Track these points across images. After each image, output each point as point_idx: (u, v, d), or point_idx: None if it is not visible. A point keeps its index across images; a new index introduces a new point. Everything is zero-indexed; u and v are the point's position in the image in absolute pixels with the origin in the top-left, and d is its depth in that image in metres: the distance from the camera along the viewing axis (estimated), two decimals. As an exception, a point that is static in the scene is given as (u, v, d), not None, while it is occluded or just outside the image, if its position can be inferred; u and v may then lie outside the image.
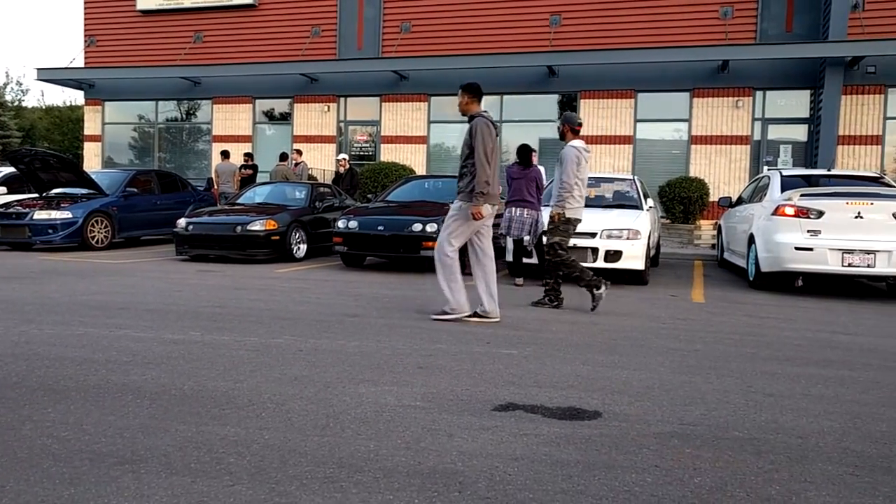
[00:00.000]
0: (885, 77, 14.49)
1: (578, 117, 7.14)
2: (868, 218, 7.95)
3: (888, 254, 7.82)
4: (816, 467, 2.91)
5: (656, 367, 4.59)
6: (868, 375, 4.56)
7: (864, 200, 8.06)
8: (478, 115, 5.99)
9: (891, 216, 7.93)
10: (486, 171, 5.79)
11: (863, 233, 7.95)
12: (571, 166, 6.71)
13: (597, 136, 16.15)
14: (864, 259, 7.89)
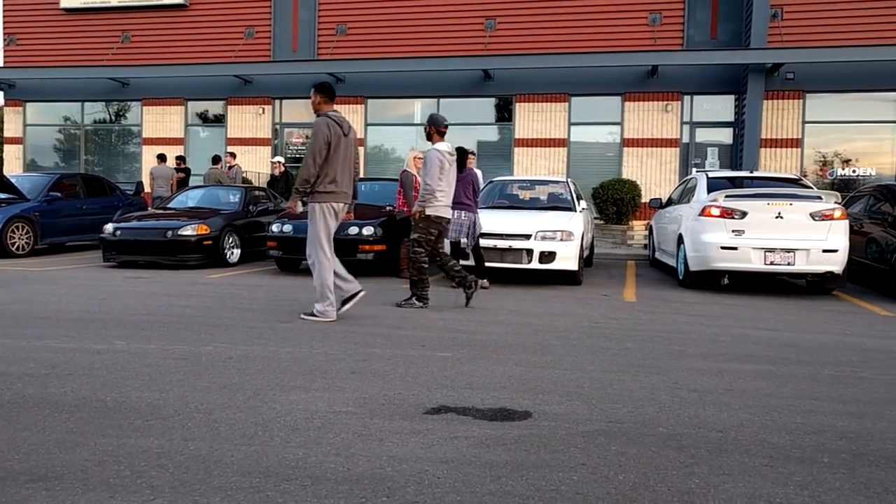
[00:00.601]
0: (803, 83, 15.22)
1: (445, 119, 7.19)
2: (788, 218, 8.26)
3: (806, 252, 8.16)
4: (734, 459, 3.02)
5: (587, 367, 4.69)
6: (786, 369, 4.77)
7: (784, 201, 8.37)
8: (323, 115, 6.08)
9: (808, 216, 8.26)
10: (308, 169, 5.91)
11: (783, 232, 8.24)
12: (434, 170, 6.82)
13: (532, 139, 16.40)
14: (784, 257, 8.22)
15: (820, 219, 8.22)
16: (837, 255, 8.19)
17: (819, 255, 8.15)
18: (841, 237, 8.24)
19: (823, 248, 8.16)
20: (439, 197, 6.94)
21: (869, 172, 15.28)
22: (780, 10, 15.05)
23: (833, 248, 8.17)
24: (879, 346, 5.62)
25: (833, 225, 8.23)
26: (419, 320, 6.29)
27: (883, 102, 15.13)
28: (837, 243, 8.19)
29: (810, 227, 8.23)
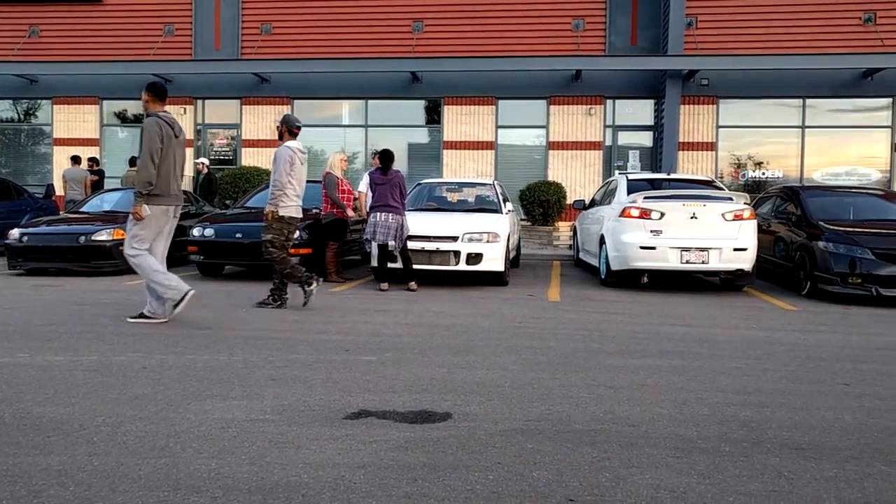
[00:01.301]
0: (717, 89, 15.93)
1: (298, 120, 7.21)
2: (702, 218, 8.57)
3: (719, 251, 8.48)
4: (644, 452, 3.13)
5: (509, 366, 4.76)
6: (697, 364, 4.97)
7: (698, 202, 8.69)
8: (153, 115, 6.04)
9: (720, 217, 8.59)
10: (148, 170, 5.88)
11: (698, 232, 8.53)
12: (284, 166, 6.82)
13: (461, 142, 16.53)
14: (699, 256, 8.53)
15: (731, 219, 8.57)
16: (747, 254, 8.56)
17: (730, 253, 8.49)
18: (750, 236, 8.62)
19: (734, 247, 8.49)
20: (291, 196, 6.87)
21: (777, 175, 16.12)
22: (695, 18, 15.71)
23: (743, 247, 8.53)
24: (782, 339, 5.94)
25: (743, 225, 8.59)
26: (344, 324, 6.24)
27: (790, 108, 15.99)
28: (747, 242, 8.56)
29: (722, 226, 8.56)
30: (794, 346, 5.67)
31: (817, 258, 8.35)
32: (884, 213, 9.55)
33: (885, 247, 8.04)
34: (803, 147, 15.99)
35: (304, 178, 7.15)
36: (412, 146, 17.24)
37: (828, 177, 15.89)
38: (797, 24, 15.43)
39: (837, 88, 15.54)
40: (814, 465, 3.00)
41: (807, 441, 3.32)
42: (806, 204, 9.46)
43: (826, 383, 4.47)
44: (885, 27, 15.12)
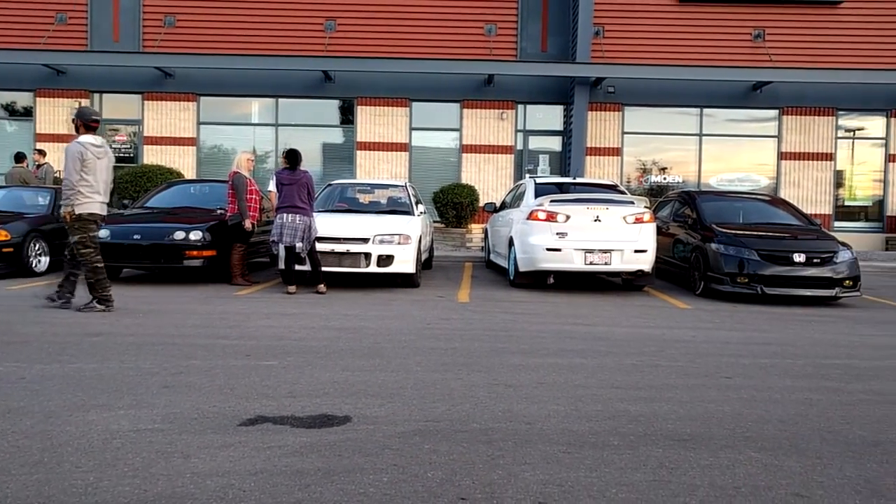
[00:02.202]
0: (623, 97, 16.56)
1: (94, 112, 7.02)
2: (605, 221, 8.82)
3: (621, 252, 8.77)
4: (537, 449, 3.22)
5: (413, 368, 4.77)
6: (595, 361, 5.15)
7: (602, 206, 8.91)
8: None
9: (622, 220, 8.86)
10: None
11: (601, 234, 8.78)
12: (74, 164, 6.58)
13: (374, 143, 16.45)
14: (602, 258, 8.79)
15: (632, 222, 8.86)
16: (647, 255, 8.91)
17: (631, 255, 8.80)
18: (650, 238, 8.96)
19: (635, 249, 8.80)
20: (87, 193, 6.63)
21: (678, 179, 16.93)
22: (602, 28, 16.27)
23: (643, 249, 8.85)
24: (675, 337, 6.24)
25: (643, 228, 8.92)
26: (247, 328, 6.08)
27: (689, 117, 16.82)
28: (647, 244, 8.89)
29: (624, 229, 8.86)
30: (685, 342, 5.97)
31: (710, 259, 8.83)
32: (770, 217, 10.20)
33: (769, 248, 8.59)
34: (701, 154, 16.85)
35: (105, 172, 6.78)
36: (326, 146, 17.01)
37: (723, 182, 16.82)
38: (695, 38, 16.25)
39: (731, 99, 16.49)
40: (693, 454, 3.17)
41: (689, 432, 3.50)
42: (701, 208, 9.98)
43: (711, 377, 4.73)
44: (774, 44, 16.17)
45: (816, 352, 5.72)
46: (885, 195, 16.61)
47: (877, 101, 16.30)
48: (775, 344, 6.02)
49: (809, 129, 16.52)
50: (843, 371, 5.02)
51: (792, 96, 16.31)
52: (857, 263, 8.72)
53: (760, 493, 2.76)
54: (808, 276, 8.44)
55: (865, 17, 16.15)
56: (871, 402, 4.18)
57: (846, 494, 2.77)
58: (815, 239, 8.98)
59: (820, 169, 16.54)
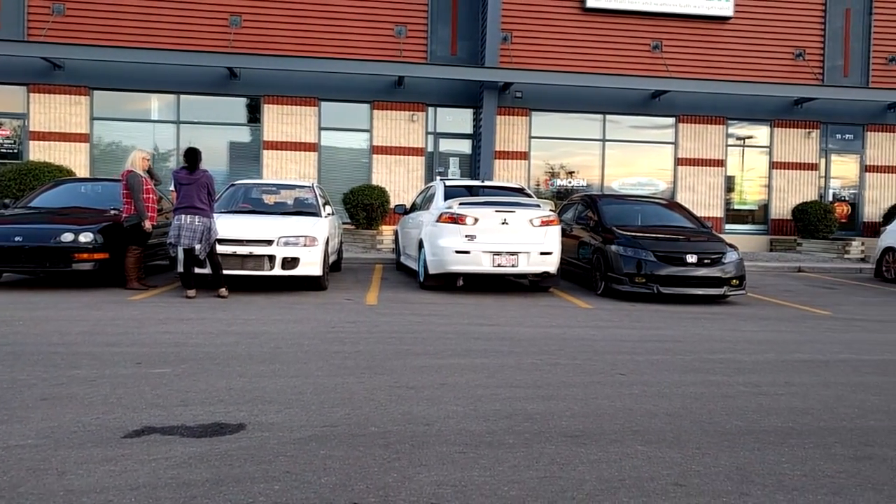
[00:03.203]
0: (530, 102, 16.95)
1: None
2: (512, 224, 8.96)
3: (527, 255, 8.95)
4: (434, 450, 3.23)
5: (314, 372, 4.69)
6: (497, 361, 5.24)
7: (509, 209, 9.06)
8: None
9: (529, 223, 9.02)
10: None
11: (508, 237, 8.93)
12: None
13: (282, 142, 16.10)
14: (509, 260, 8.93)
15: (538, 225, 9.04)
16: (552, 257, 9.13)
17: (538, 257, 8.99)
18: (555, 241, 9.18)
19: (541, 251, 9.00)
20: None
21: (583, 183, 17.49)
22: (510, 34, 16.60)
23: (549, 251, 9.06)
24: (576, 335, 6.44)
25: (549, 230, 9.11)
26: (140, 335, 5.80)
27: (593, 123, 17.42)
28: (552, 246, 9.11)
29: (530, 232, 9.03)
30: (585, 341, 6.18)
31: (610, 260, 9.17)
32: (666, 220, 10.71)
33: (664, 250, 9.01)
34: (604, 158, 17.49)
35: None
36: (232, 145, 16.49)
37: (624, 186, 17.52)
38: (599, 47, 16.84)
39: (632, 107, 17.21)
40: (584, 450, 3.28)
41: (581, 428, 3.62)
42: (602, 211, 10.35)
43: (606, 374, 4.91)
44: (670, 55, 17.00)
45: (704, 347, 6.04)
46: (769, 200, 17.79)
47: (762, 111, 17.44)
48: (667, 341, 6.32)
49: (703, 136, 17.48)
50: (727, 365, 5.34)
51: (687, 105, 17.20)
52: (742, 264, 9.28)
53: (643, 484, 2.89)
54: (700, 276, 8.92)
55: (752, 33, 17.25)
56: (749, 394, 4.46)
57: (719, 481, 2.94)
58: (705, 241, 9.48)
59: (712, 174, 17.53)
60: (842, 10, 17.60)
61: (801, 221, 16.95)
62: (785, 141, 17.70)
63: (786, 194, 17.70)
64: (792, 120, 17.59)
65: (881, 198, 17.91)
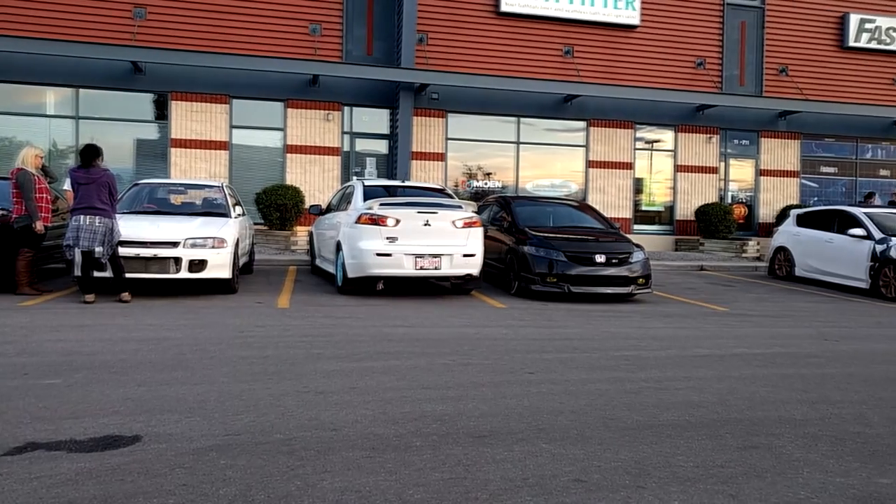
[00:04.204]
0: (446, 103, 17.05)
1: None
2: (434, 226, 8.73)
3: (450, 257, 8.74)
4: (340, 456, 3.18)
5: (219, 379, 4.54)
6: (410, 363, 5.23)
7: (431, 210, 8.83)
8: None
9: (451, 224, 8.80)
10: None
11: (431, 239, 8.70)
12: None
13: (191, 140, 15.50)
14: (432, 262, 8.68)
15: (461, 226, 8.86)
16: (475, 259, 8.97)
17: (461, 259, 8.83)
18: (478, 243, 9.01)
19: (464, 253, 8.84)
20: None
21: (499, 185, 17.76)
22: (426, 35, 16.64)
23: (472, 253, 8.90)
24: (488, 335, 6.51)
25: (472, 232, 8.94)
26: (29, 344, 5.44)
27: (508, 125, 17.70)
28: (475, 248, 8.95)
29: (453, 233, 8.83)
30: (497, 341, 6.26)
31: (523, 260, 9.33)
32: (577, 221, 11.02)
33: (574, 250, 9.26)
34: (518, 160, 17.81)
35: None
36: (139, 143, 15.76)
37: (538, 188, 17.91)
38: (513, 51, 17.14)
39: (545, 110, 17.60)
40: (489, 450, 3.31)
41: (489, 428, 3.65)
42: (515, 212, 10.53)
43: (516, 373, 4.99)
44: (582, 60, 17.50)
45: (610, 345, 6.24)
46: (674, 201, 18.62)
47: (667, 116, 18.23)
48: (576, 339, 6.50)
49: (612, 140, 18.09)
50: (631, 362, 5.53)
51: (597, 109, 17.75)
52: (648, 263, 9.66)
53: (546, 482, 2.94)
54: (608, 276, 9.21)
55: (657, 42, 18.00)
56: (651, 390, 4.64)
57: (618, 475, 3.04)
58: (614, 241, 9.81)
59: (621, 177, 18.17)
60: (737, 22, 18.64)
61: (703, 222, 17.82)
62: (688, 145, 18.57)
63: (689, 196, 18.56)
64: (694, 125, 18.48)
65: (774, 200, 19.08)
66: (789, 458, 3.36)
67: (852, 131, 19.30)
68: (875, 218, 11.46)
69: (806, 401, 4.49)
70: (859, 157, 19.79)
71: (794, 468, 3.22)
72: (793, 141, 19.10)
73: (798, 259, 12.68)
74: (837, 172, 19.73)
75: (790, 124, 18.89)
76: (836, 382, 5.03)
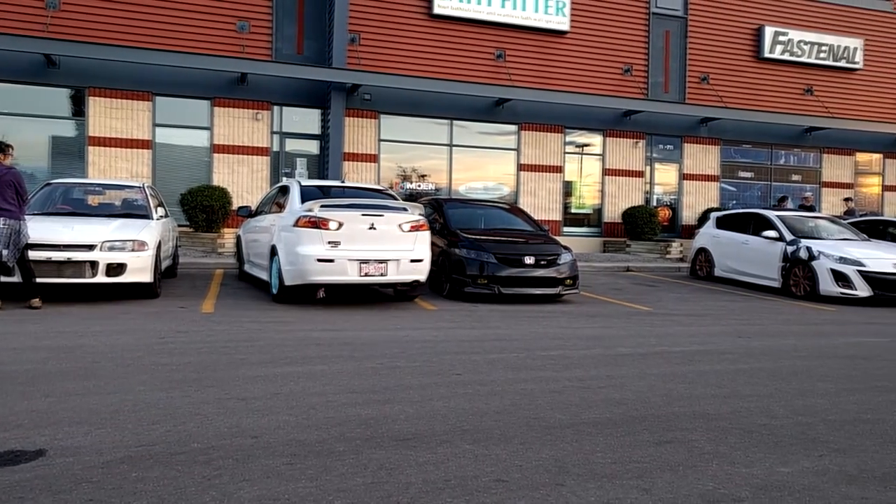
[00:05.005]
0: (379, 104, 16.97)
1: None
2: (380, 229, 8.22)
3: (397, 262, 8.25)
4: (259, 464, 3.11)
5: (136, 388, 4.37)
6: (337, 367, 5.16)
7: (377, 213, 8.31)
8: None
9: (398, 227, 8.33)
10: None
11: (376, 243, 8.21)
12: None
13: (110, 139, 14.86)
14: (377, 268, 8.17)
15: (408, 230, 8.41)
16: (423, 265, 8.52)
17: (408, 265, 8.37)
18: (425, 247, 8.58)
19: (411, 258, 8.39)
20: None
21: (432, 187, 17.80)
22: (358, 35, 16.52)
23: (419, 258, 8.46)
24: (418, 337, 6.51)
25: (419, 236, 8.50)
26: (-74, 354, 5.09)
27: (441, 127, 17.76)
28: (423, 253, 8.51)
29: (400, 237, 8.37)
30: (426, 343, 6.26)
31: (455, 262, 9.38)
32: (507, 223, 11.15)
33: (504, 252, 9.37)
34: (451, 163, 17.90)
35: None
36: (55, 140, 15.01)
37: (471, 190, 18.04)
38: (445, 53, 17.22)
39: (478, 113, 17.76)
40: (413, 453, 3.30)
41: (413, 431, 3.65)
42: (447, 214, 10.57)
43: (443, 375, 5.00)
44: (513, 64, 17.75)
45: (537, 345, 6.34)
46: (602, 204, 19.11)
47: (596, 121, 18.70)
48: (504, 339, 6.57)
49: (543, 143, 18.42)
50: (557, 361, 5.64)
51: (528, 113, 18.04)
52: (576, 264, 9.88)
53: (467, 483, 2.96)
54: (537, 277, 9.37)
55: (587, 48, 18.45)
56: (575, 388, 4.73)
57: (538, 474, 3.09)
58: (542, 243, 9.98)
59: (552, 180, 18.52)
60: (662, 31, 19.31)
61: (629, 224, 18.36)
62: (616, 150, 19.10)
63: (617, 199, 19.09)
64: (622, 130, 19.02)
65: (696, 203, 19.84)
66: (701, 451, 3.50)
67: (767, 138, 20.30)
68: (787, 221, 12.08)
69: (719, 396, 4.68)
70: (774, 163, 20.82)
71: (704, 461, 3.35)
72: (713, 146, 19.92)
73: (717, 260, 13.22)
74: (754, 177, 20.70)
75: (711, 130, 19.69)
76: (747, 377, 5.27)
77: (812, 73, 20.55)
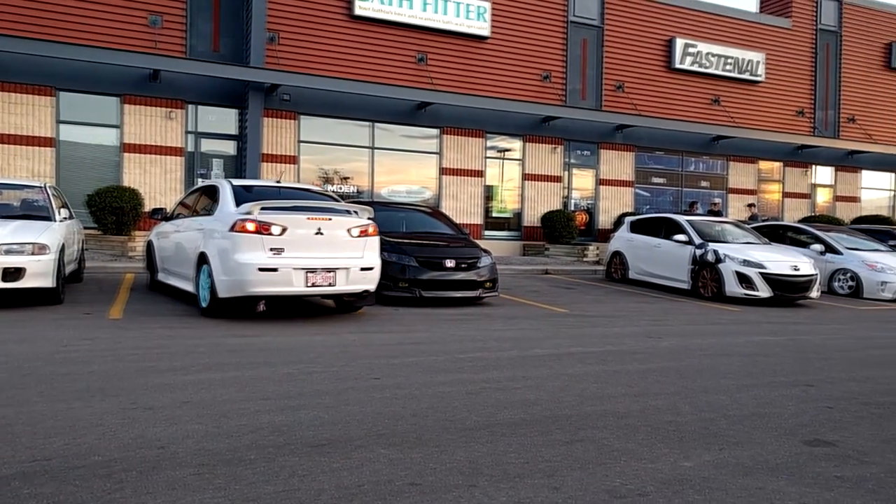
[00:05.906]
0: (299, 105, 16.67)
1: None
2: (328, 234, 7.46)
3: (346, 271, 7.52)
4: (164, 475, 3.00)
5: (32, 399, 4.12)
6: (251, 373, 5.03)
7: (324, 216, 7.56)
8: None
9: (347, 233, 7.65)
10: None
11: (324, 250, 7.45)
12: None
13: (9, 136, 13.94)
14: (326, 278, 7.41)
15: (357, 235, 7.73)
16: (373, 273, 7.84)
17: (358, 273, 7.65)
18: (375, 254, 7.92)
19: (362, 266, 7.68)
20: None
21: (354, 190, 17.65)
22: (277, 34, 16.20)
23: (370, 266, 7.77)
24: (337, 342, 6.44)
25: (368, 241, 7.83)
26: None
27: (362, 129, 17.63)
28: (373, 261, 7.83)
29: (349, 243, 7.65)
30: (345, 347, 6.20)
31: (375, 266, 9.30)
32: (429, 227, 11.19)
33: (425, 255, 9.41)
34: (373, 166, 17.81)
35: None
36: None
37: (393, 193, 18.01)
38: (367, 55, 17.13)
39: (400, 116, 17.75)
40: (326, 459, 3.27)
41: (328, 437, 3.60)
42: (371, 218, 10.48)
43: (360, 379, 4.97)
44: (435, 68, 17.85)
45: (456, 347, 6.40)
46: (522, 208, 19.48)
47: (515, 127, 19.05)
48: (424, 343, 6.60)
49: (464, 148, 18.60)
50: (474, 363, 5.70)
51: (450, 118, 18.17)
52: (495, 267, 10.02)
53: (381, 487, 2.95)
54: (457, 280, 9.45)
55: (507, 54, 18.77)
56: (491, 390, 4.80)
57: (452, 476, 3.11)
58: (463, 246, 10.08)
59: (473, 184, 18.73)
60: (580, 39, 19.89)
61: (548, 228, 18.79)
62: (535, 155, 19.51)
63: (536, 203, 19.50)
64: (541, 136, 19.45)
65: (612, 207, 20.52)
66: (610, 448, 3.62)
67: (679, 145, 21.23)
68: (696, 225, 12.67)
69: (629, 394, 4.85)
70: (684, 170, 21.80)
71: (613, 458, 3.47)
72: (628, 153, 20.67)
73: (631, 263, 13.71)
74: (666, 183, 21.60)
75: (626, 137, 20.41)
76: (656, 376, 5.49)
77: (719, 85, 21.66)
